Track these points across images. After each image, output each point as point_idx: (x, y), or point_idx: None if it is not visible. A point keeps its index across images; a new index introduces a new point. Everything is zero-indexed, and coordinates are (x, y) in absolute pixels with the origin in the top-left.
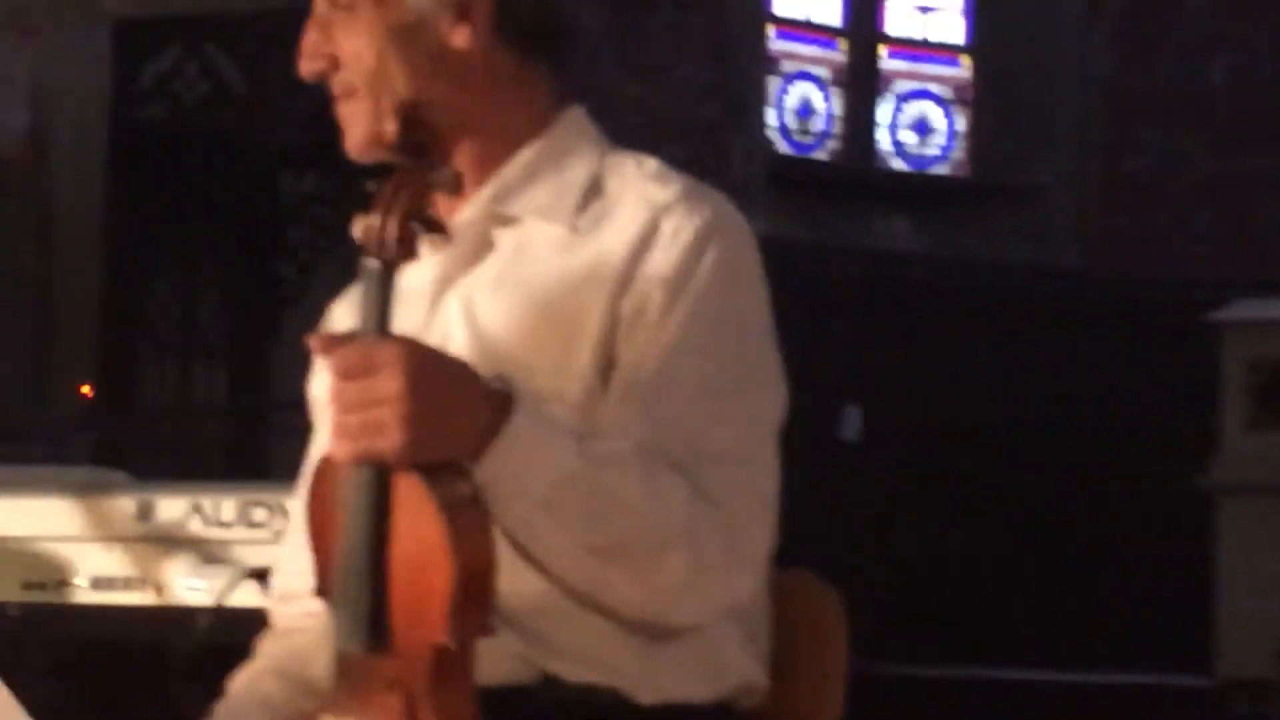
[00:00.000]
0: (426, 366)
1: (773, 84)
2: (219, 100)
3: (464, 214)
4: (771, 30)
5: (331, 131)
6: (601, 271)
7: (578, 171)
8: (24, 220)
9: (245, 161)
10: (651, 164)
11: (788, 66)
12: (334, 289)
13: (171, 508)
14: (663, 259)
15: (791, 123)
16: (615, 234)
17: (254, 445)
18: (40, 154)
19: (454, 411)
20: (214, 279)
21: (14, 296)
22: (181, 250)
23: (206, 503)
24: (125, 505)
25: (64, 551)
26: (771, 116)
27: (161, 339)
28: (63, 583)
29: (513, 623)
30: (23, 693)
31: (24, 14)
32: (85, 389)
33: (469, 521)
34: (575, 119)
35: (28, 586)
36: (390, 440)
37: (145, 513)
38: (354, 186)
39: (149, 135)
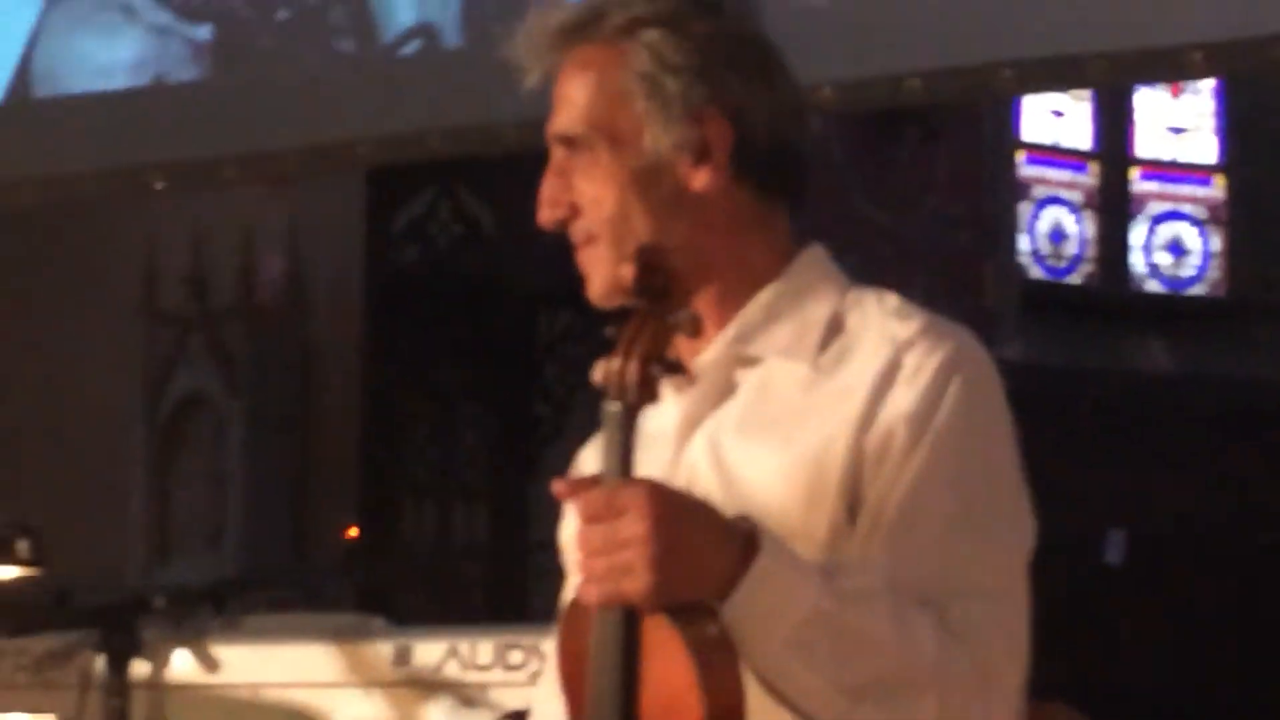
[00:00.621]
0: (670, 508)
1: (1024, 209)
2: (472, 242)
3: (706, 355)
4: (1021, 156)
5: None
6: (845, 409)
7: (819, 309)
8: (284, 364)
9: (500, 302)
10: (892, 300)
11: (1039, 191)
12: (591, 427)
13: (428, 652)
14: (906, 395)
15: (1044, 248)
16: (858, 371)
17: (514, 585)
18: (298, 299)
19: (699, 552)
20: (471, 419)
21: (275, 439)
22: (439, 391)
23: (463, 646)
24: (383, 650)
25: (323, 697)
26: (1024, 242)
27: (420, 480)
28: None
29: None
30: None
31: (278, 163)
32: (352, 531)
33: (719, 662)
34: (815, 256)
35: None
36: (637, 583)
37: (403, 657)
38: (609, 324)
39: (404, 278)
